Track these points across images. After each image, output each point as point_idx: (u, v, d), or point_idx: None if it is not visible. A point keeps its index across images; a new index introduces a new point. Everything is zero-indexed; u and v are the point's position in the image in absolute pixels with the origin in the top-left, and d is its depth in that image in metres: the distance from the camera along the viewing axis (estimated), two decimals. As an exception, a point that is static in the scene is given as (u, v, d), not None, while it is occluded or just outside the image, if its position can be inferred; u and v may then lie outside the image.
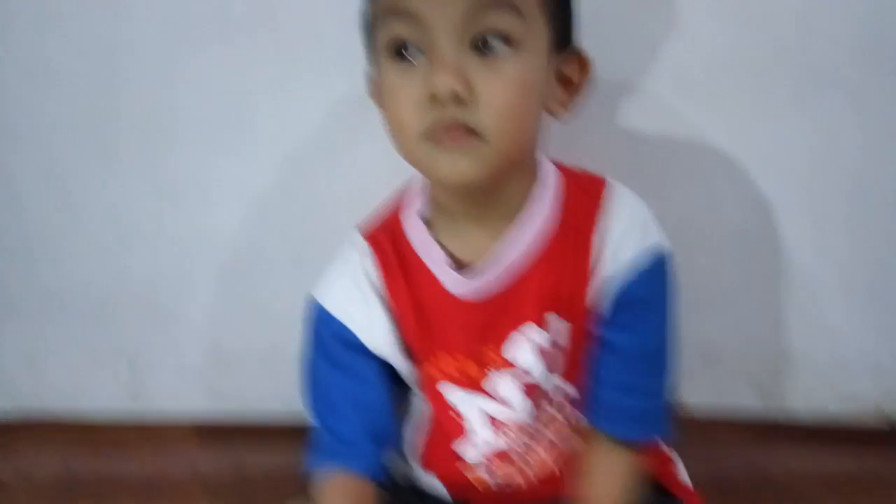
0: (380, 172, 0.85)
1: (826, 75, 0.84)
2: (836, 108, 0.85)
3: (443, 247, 0.66)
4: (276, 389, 0.98)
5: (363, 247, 0.70)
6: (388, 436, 0.70)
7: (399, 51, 0.57)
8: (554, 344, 0.67)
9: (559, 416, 0.71)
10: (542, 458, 0.72)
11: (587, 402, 0.69)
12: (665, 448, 0.77)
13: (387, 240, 0.69)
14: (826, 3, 0.81)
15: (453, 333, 0.67)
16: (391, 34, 0.56)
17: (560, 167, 0.69)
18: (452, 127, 0.55)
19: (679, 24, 0.82)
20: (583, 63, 0.64)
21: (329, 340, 0.70)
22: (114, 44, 0.86)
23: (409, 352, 0.70)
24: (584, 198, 0.66)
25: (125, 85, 0.87)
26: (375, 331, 0.68)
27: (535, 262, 0.65)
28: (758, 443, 0.97)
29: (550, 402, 0.70)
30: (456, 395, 0.69)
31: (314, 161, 0.89)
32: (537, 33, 0.58)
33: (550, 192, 0.66)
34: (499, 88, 0.55)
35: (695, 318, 0.79)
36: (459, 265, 0.66)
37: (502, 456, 0.71)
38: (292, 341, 0.95)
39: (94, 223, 0.94)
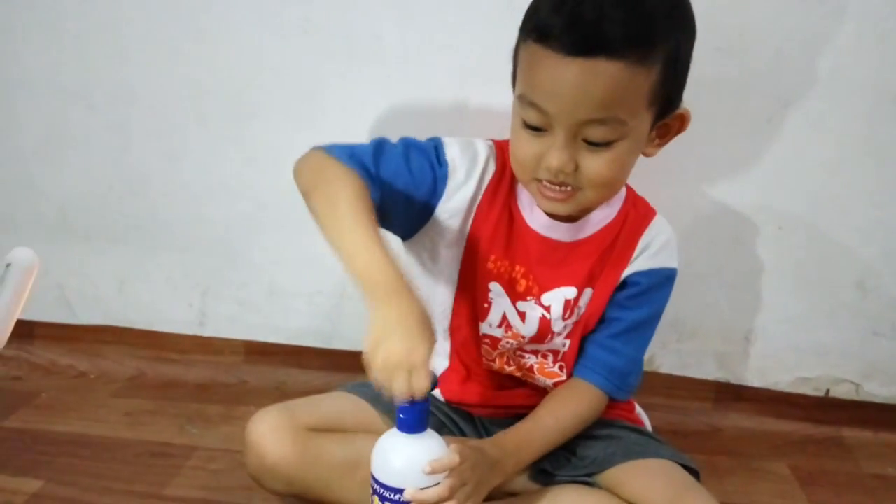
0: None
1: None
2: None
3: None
4: (315, 326, 1.17)
5: (492, 149, 0.83)
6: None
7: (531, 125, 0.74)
8: (577, 304, 0.85)
9: (547, 352, 0.88)
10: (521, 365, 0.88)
11: (576, 358, 0.87)
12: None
13: (502, 162, 0.83)
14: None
15: (523, 255, 0.83)
16: (528, 118, 0.73)
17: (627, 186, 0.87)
18: (558, 184, 0.74)
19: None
20: (683, 118, 0.78)
21: (423, 159, 0.80)
22: (215, 33, 1.05)
23: (467, 239, 0.83)
24: (638, 217, 0.86)
25: (221, 66, 1.06)
26: (459, 194, 0.81)
27: (597, 244, 0.84)
28: (714, 402, 1.13)
29: (551, 336, 0.86)
30: (498, 294, 0.84)
31: (372, 135, 0.99)
32: (640, 123, 0.73)
33: (619, 203, 0.85)
34: (598, 168, 0.73)
35: (673, 297, 0.90)
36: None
37: (494, 342, 0.87)
38: (334, 290, 1.15)
39: (186, 174, 1.12)
